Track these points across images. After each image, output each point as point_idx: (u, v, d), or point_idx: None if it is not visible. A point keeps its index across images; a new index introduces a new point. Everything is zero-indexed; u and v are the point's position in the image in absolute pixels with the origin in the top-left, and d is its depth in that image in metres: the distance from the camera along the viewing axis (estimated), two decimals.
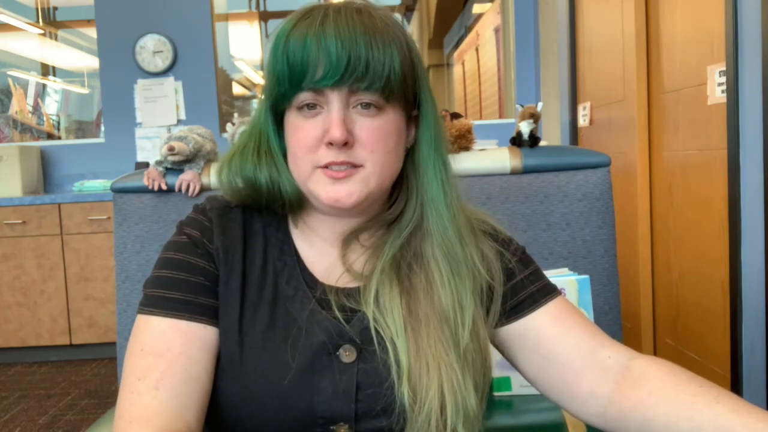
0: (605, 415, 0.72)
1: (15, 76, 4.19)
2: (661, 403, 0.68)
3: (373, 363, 0.69)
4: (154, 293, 0.71)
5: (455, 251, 0.73)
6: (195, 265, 0.72)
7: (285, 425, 0.68)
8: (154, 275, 0.72)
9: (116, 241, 1.47)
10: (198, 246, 0.73)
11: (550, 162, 1.47)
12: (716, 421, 0.65)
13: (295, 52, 0.66)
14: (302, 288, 0.73)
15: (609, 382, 0.72)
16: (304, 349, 0.69)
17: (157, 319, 0.69)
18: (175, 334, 0.68)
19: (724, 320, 1.97)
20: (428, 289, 0.72)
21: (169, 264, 0.73)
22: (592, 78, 2.95)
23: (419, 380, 0.67)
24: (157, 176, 1.45)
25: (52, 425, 2.55)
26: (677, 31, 2.23)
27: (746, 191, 1.84)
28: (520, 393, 1.25)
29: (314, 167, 0.69)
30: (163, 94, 3.83)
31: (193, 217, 0.76)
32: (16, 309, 3.36)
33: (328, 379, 0.69)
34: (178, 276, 0.71)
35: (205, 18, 3.83)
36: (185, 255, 0.73)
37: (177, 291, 0.70)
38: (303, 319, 0.71)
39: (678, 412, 0.67)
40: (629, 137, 2.54)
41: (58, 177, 3.89)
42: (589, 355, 0.73)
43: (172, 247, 0.74)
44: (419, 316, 0.70)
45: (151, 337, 0.68)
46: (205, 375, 0.68)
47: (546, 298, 0.78)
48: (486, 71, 4.96)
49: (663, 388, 0.69)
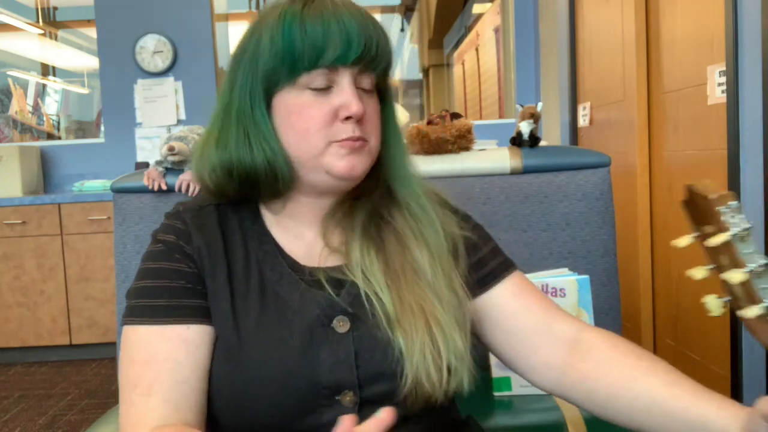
0: (558, 385, 0.79)
1: (15, 76, 4.19)
2: (604, 375, 0.75)
3: (368, 330, 0.73)
4: (138, 303, 0.73)
5: (422, 212, 0.79)
6: (174, 270, 0.74)
7: (291, 401, 0.70)
8: (136, 286, 0.74)
9: (116, 241, 1.47)
10: (174, 251, 0.75)
11: (550, 162, 1.47)
12: (651, 392, 0.71)
13: (315, 30, 0.69)
14: (287, 272, 0.75)
15: (561, 354, 0.78)
16: (299, 325, 0.71)
17: (143, 328, 0.71)
18: (160, 341, 0.70)
19: (724, 320, 1.97)
20: (400, 245, 0.78)
21: (148, 273, 0.74)
22: (592, 78, 2.95)
23: (408, 324, 0.72)
24: (157, 176, 1.45)
25: (52, 425, 2.55)
26: (677, 31, 2.23)
27: (746, 191, 1.84)
28: (520, 393, 1.25)
29: (329, 142, 0.72)
30: (163, 94, 3.83)
31: (166, 224, 0.78)
32: (16, 309, 3.36)
33: (326, 351, 0.71)
34: (158, 284, 0.73)
35: (205, 18, 3.83)
36: (163, 262, 0.74)
37: (160, 298, 0.72)
38: (294, 299, 0.73)
39: (618, 384, 0.73)
40: (629, 137, 2.54)
41: (58, 177, 3.89)
42: (544, 329, 0.80)
43: (150, 257, 0.76)
44: (396, 269, 0.76)
45: (139, 346, 0.71)
46: (194, 375, 0.70)
47: (506, 273, 0.83)
48: (486, 71, 4.96)
49: (606, 361, 0.75)
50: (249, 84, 0.73)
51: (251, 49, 0.73)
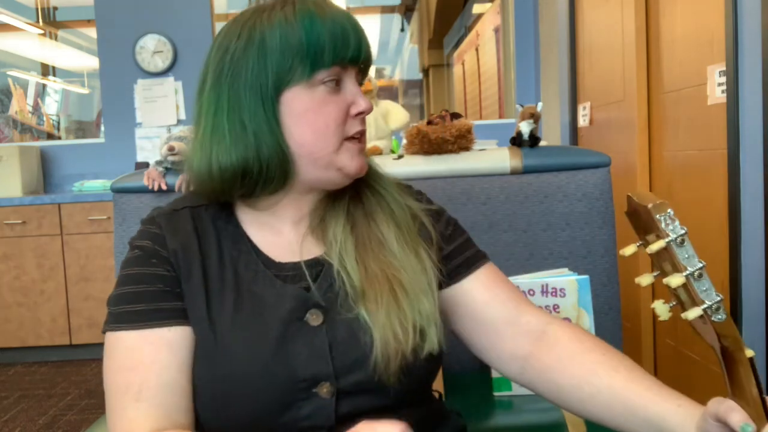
0: (523, 375, 0.82)
1: (15, 76, 4.19)
2: (567, 368, 0.77)
3: (341, 319, 0.74)
4: (119, 310, 0.73)
5: (387, 192, 0.83)
6: (151, 274, 0.74)
7: (269, 397, 0.71)
8: (116, 293, 0.74)
9: (116, 241, 1.47)
10: (151, 255, 0.75)
11: (550, 162, 1.47)
12: (612, 388, 0.73)
13: (336, 27, 0.71)
14: (261, 269, 0.76)
15: (527, 345, 0.81)
16: (273, 321, 0.72)
17: (125, 333, 0.72)
18: (143, 345, 0.71)
19: None
20: (367, 219, 0.80)
21: (128, 280, 0.75)
22: (592, 78, 2.95)
23: (373, 292, 0.74)
24: (157, 176, 1.45)
25: (52, 425, 2.55)
26: (677, 31, 2.23)
27: (746, 191, 1.84)
28: (520, 393, 1.25)
29: (342, 139, 0.74)
30: (163, 94, 3.83)
31: (142, 230, 0.78)
32: (16, 309, 3.36)
33: (301, 344, 0.72)
34: (137, 289, 0.73)
35: (205, 18, 3.83)
36: (141, 267, 0.75)
37: (140, 303, 0.72)
38: (268, 296, 0.74)
39: (580, 378, 0.76)
40: (629, 137, 2.54)
41: (58, 177, 3.89)
42: (512, 320, 0.82)
43: (128, 264, 0.76)
44: (364, 242, 0.78)
45: (123, 352, 0.71)
46: (180, 376, 0.71)
47: (478, 264, 0.85)
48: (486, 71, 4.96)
49: (570, 354, 0.78)
50: (253, 82, 0.71)
51: (252, 47, 0.71)
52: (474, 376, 1.31)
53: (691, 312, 0.59)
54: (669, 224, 0.56)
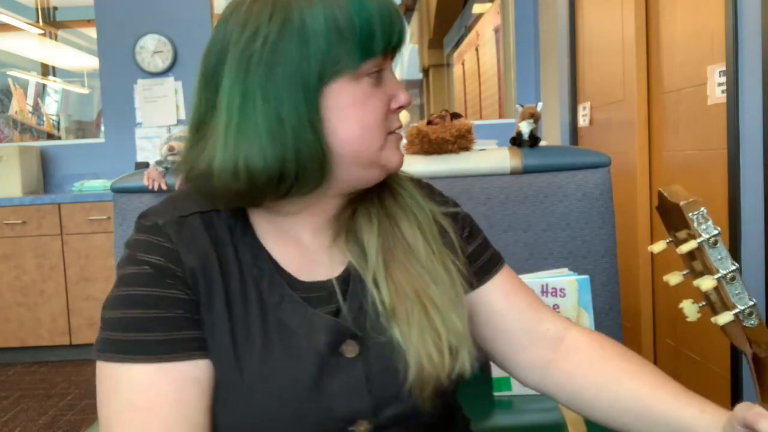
0: (543, 383, 0.79)
1: (15, 76, 4.19)
2: (588, 376, 0.75)
3: (375, 348, 0.67)
4: (128, 337, 0.61)
5: (409, 195, 0.76)
6: (167, 297, 0.63)
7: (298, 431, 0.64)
8: (122, 316, 0.62)
9: (116, 241, 1.47)
10: (165, 274, 0.63)
11: (550, 162, 1.47)
12: (634, 394, 0.71)
13: (382, 9, 0.63)
14: (287, 293, 0.67)
15: (547, 353, 0.79)
16: (307, 356, 0.65)
17: (140, 367, 0.60)
18: (164, 382, 0.60)
19: None
20: (392, 226, 0.73)
21: (136, 301, 0.62)
22: (592, 78, 2.95)
23: (403, 310, 0.68)
24: (157, 176, 1.45)
25: (52, 425, 2.55)
26: (677, 31, 2.23)
27: (746, 191, 1.84)
28: (520, 393, 1.25)
29: (386, 134, 0.68)
30: (163, 94, 3.83)
31: (146, 240, 0.65)
32: (16, 309, 3.36)
33: (338, 380, 0.65)
34: (150, 314, 0.62)
35: (205, 18, 3.83)
36: (153, 288, 0.63)
37: (155, 331, 0.61)
38: (298, 325, 0.66)
39: (601, 385, 0.74)
40: (629, 137, 2.54)
41: (58, 177, 3.89)
42: (531, 329, 0.80)
43: (134, 281, 0.63)
44: (391, 250, 0.71)
45: (135, 389, 0.60)
46: (205, 418, 0.63)
47: (496, 268, 0.81)
48: (486, 71, 4.96)
49: (590, 361, 0.76)
50: (293, 71, 0.61)
51: (290, 31, 0.61)
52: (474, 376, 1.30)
53: (722, 317, 0.56)
54: (702, 223, 0.54)
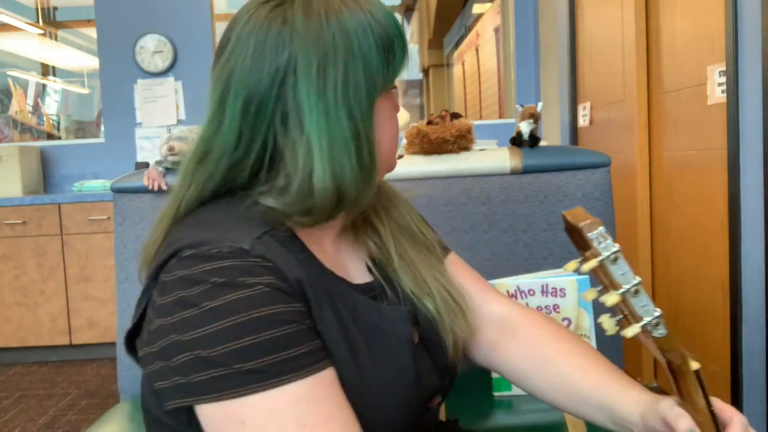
0: (492, 362, 0.85)
1: (15, 76, 4.19)
2: (528, 356, 0.81)
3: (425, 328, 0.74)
4: (271, 361, 0.57)
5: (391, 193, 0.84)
6: (293, 311, 0.60)
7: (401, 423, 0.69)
8: (256, 341, 0.57)
9: (116, 241, 1.47)
10: (281, 290, 0.61)
11: (550, 162, 1.47)
12: (564, 374, 0.76)
13: (402, 32, 0.68)
14: (356, 295, 0.70)
15: (493, 334, 0.84)
16: (402, 347, 0.69)
17: (297, 385, 0.57)
18: (324, 391, 0.59)
19: (724, 320, 1.97)
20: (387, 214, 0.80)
21: (264, 323, 0.58)
22: (592, 78, 2.95)
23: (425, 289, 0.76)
24: (157, 176, 1.45)
25: (52, 425, 2.55)
26: (677, 31, 2.23)
27: (746, 191, 1.84)
28: (520, 393, 1.25)
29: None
30: (163, 94, 3.83)
31: (241, 265, 0.60)
32: (16, 309, 3.36)
33: (422, 363, 0.71)
34: (286, 331, 0.59)
35: (205, 18, 3.83)
36: (278, 306, 0.59)
37: (299, 346, 0.59)
38: (379, 321, 0.69)
39: (537, 365, 0.79)
40: (629, 137, 2.54)
41: (58, 177, 3.89)
42: (480, 310, 0.85)
43: (251, 305, 0.58)
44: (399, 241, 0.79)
45: (304, 405, 0.57)
46: None
47: (447, 251, 0.88)
48: (486, 71, 4.96)
49: (529, 342, 0.81)
50: (360, 89, 0.64)
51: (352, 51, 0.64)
52: (474, 376, 1.30)
53: (630, 330, 0.58)
54: (601, 242, 0.57)
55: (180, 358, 0.57)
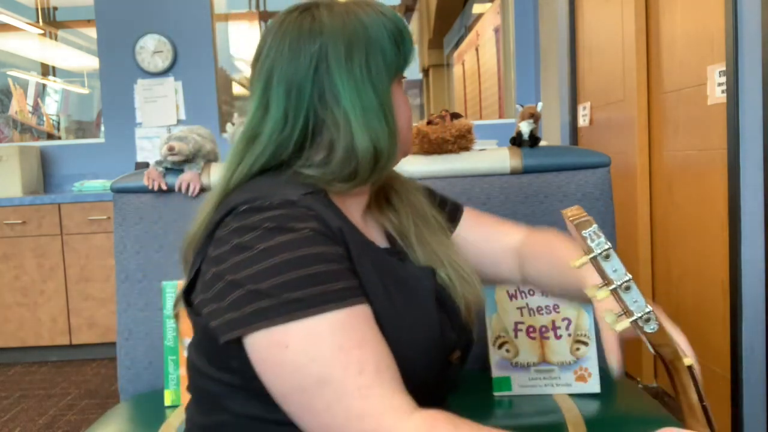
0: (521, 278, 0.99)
1: (15, 76, 4.19)
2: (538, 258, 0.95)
3: (440, 291, 0.82)
4: (313, 292, 0.65)
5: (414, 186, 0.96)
6: (335, 253, 0.69)
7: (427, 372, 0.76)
8: (301, 275, 0.65)
9: (116, 241, 1.47)
10: (326, 235, 0.70)
11: (550, 162, 1.47)
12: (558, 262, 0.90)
13: (410, 32, 0.82)
14: (384, 255, 0.80)
15: (514, 263, 0.98)
16: (428, 300, 0.78)
17: (336, 314, 0.65)
18: (360, 321, 0.66)
19: (724, 320, 1.97)
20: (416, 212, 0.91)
21: (308, 260, 0.66)
22: (592, 78, 2.95)
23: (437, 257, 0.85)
24: (157, 176, 1.46)
25: (52, 425, 2.55)
26: (677, 31, 2.23)
27: (746, 191, 1.84)
28: (520, 393, 1.25)
29: None
30: (163, 94, 3.83)
31: (290, 213, 0.70)
32: (16, 309, 3.36)
33: (442, 317, 0.79)
34: (328, 268, 0.67)
35: (205, 18, 3.83)
36: (322, 247, 0.68)
37: (338, 281, 0.67)
38: (407, 276, 0.79)
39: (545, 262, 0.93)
40: (629, 137, 2.54)
41: (58, 177, 3.89)
42: (501, 244, 0.99)
43: (298, 245, 0.67)
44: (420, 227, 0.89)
45: (342, 332, 0.65)
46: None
47: (460, 210, 1.01)
48: (486, 71, 4.97)
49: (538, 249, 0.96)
50: (381, 71, 0.77)
51: (370, 40, 0.77)
52: (474, 376, 1.31)
53: (620, 324, 0.60)
54: (594, 240, 0.58)
55: (233, 295, 0.66)
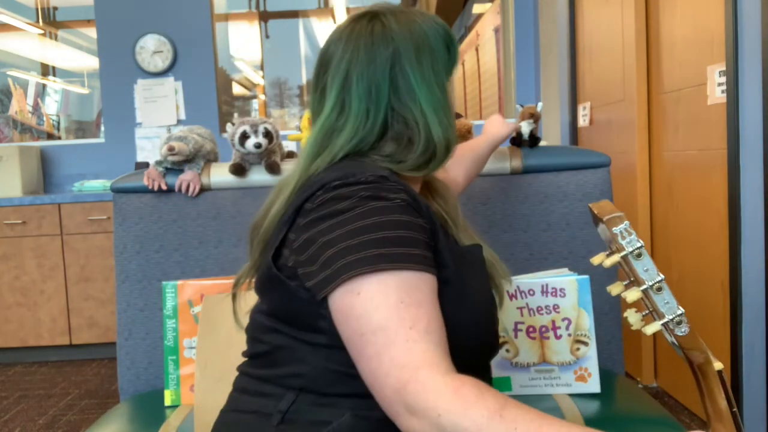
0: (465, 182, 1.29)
1: (15, 76, 4.19)
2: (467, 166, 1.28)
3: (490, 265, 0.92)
4: (396, 251, 0.73)
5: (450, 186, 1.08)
6: (419, 224, 0.78)
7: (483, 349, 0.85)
8: (388, 235, 0.74)
9: (116, 241, 1.47)
10: (414, 207, 0.79)
11: (550, 162, 1.47)
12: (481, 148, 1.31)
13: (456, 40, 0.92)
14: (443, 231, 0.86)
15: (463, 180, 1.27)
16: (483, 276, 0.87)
17: (407, 273, 0.73)
18: (425, 286, 0.74)
19: (724, 320, 1.97)
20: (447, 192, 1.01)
21: (401, 223, 0.76)
22: (592, 78, 2.95)
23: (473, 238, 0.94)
24: (157, 176, 1.45)
25: (52, 425, 2.55)
26: (677, 31, 2.23)
27: (746, 191, 1.84)
28: (520, 393, 1.25)
29: None
30: (163, 94, 3.83)
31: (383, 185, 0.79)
32: (16, 309, 3.36)
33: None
34: (411, 235, 0.76)
35: (205, 18, 3.83)
36: (410, 216, 0.77)
37: (416, 248, 0.75)
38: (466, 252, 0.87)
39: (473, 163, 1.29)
40: (629, 137, 2.54)
41: (58, 177, 3.89)
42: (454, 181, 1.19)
43: (390, 211, 0.76)
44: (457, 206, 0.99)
45: (407, 290, 0.72)
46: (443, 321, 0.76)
47: None
48: (486, 71, 4.96)
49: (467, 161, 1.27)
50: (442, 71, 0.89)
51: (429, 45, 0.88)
52: None
53: (650, 327, 0.59)
54: (626, 237, 0.56)
55: (324, 255, 0.74)
